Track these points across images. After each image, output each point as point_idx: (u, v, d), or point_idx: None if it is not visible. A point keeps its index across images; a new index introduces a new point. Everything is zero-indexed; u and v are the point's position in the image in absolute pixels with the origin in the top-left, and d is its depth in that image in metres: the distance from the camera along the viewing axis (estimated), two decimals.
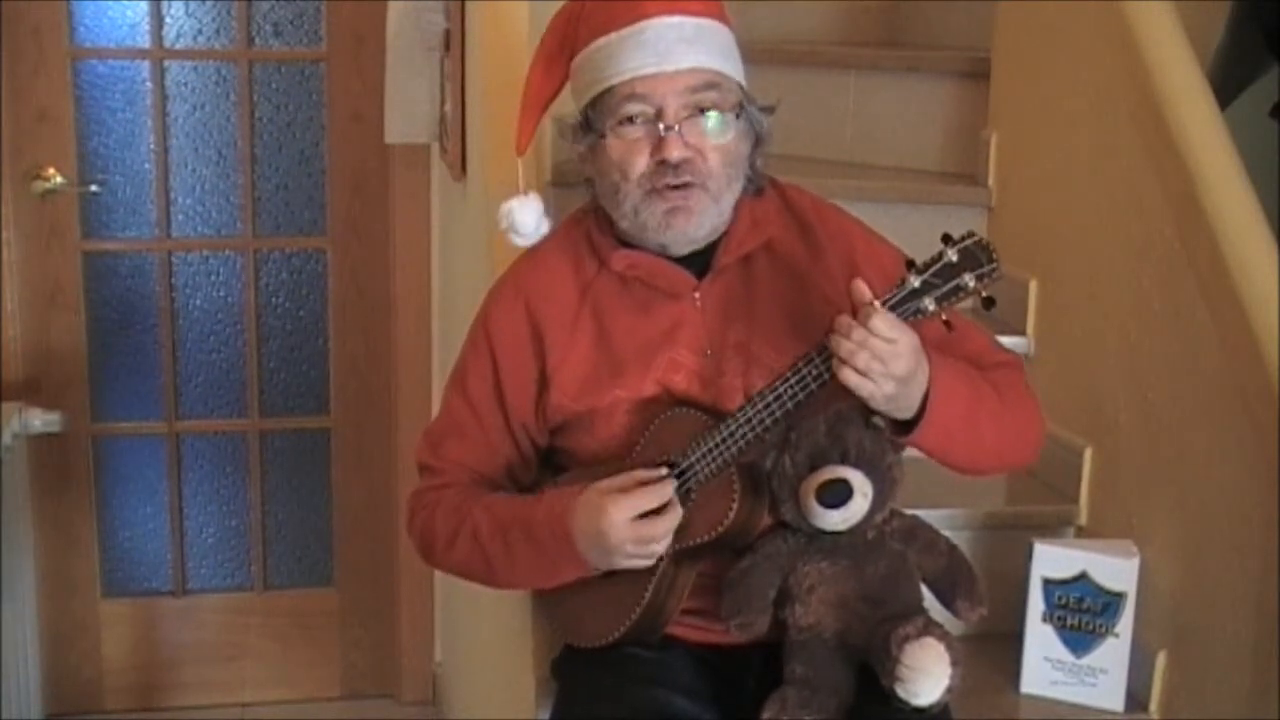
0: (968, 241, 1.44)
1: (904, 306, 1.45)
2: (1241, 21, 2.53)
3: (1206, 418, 1.86)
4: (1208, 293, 1.84)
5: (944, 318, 1.46)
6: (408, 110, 2.87)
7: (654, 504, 1.52)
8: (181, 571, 3.22)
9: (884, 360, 1.44)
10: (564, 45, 1.64)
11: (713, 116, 1.56)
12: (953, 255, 1.44)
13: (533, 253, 1.73)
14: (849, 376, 1.45)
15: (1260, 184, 1.87)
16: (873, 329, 1.42)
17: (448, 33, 2.64)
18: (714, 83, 1.56)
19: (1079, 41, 2.18)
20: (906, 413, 1.51)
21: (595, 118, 1.59)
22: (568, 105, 1.68)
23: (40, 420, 2.77)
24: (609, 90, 1.56)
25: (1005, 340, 2.09)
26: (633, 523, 1.52)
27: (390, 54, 2.85)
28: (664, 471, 1.56)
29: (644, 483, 1.54)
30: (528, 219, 1.71)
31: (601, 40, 1.57)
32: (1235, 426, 1.79)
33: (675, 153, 1.54)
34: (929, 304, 1.45)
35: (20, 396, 2.88)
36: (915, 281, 1.45)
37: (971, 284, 1.44)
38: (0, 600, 2.74)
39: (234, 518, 3.22)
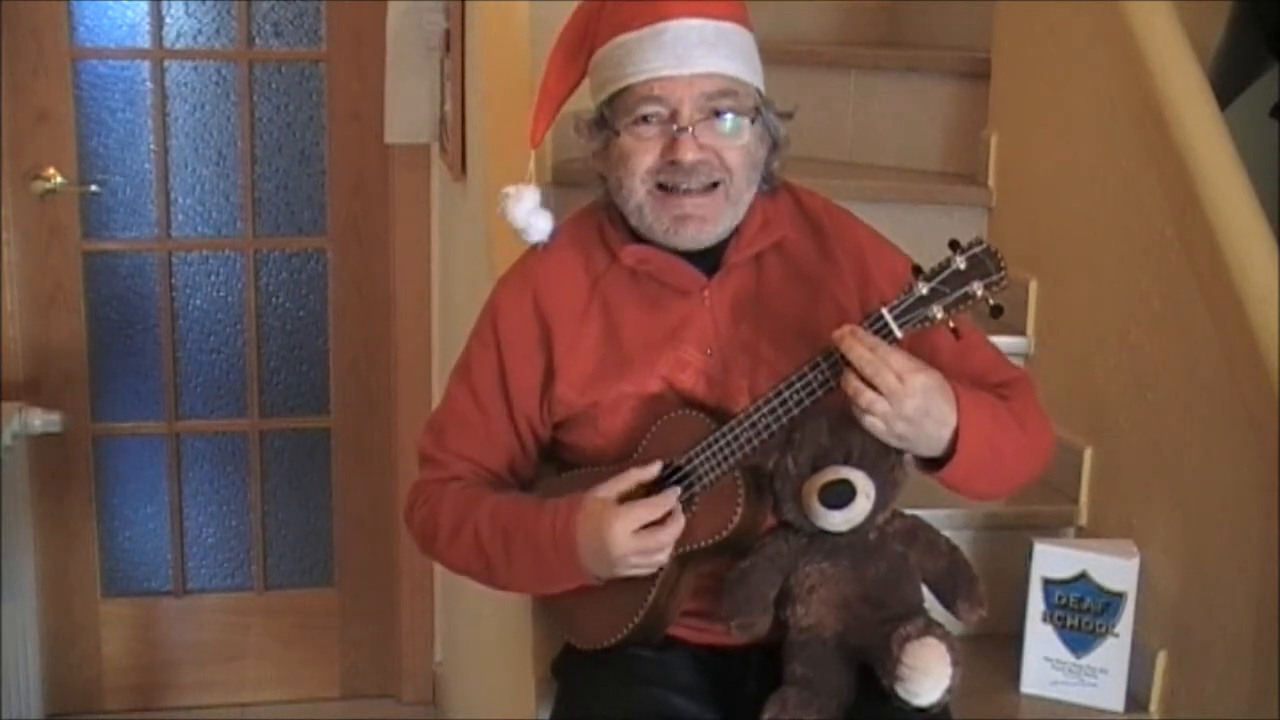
0: (976, 249, 1.44)
1: (911, 314, 1.45)
2: (1241, 21, 2.52)
3: (1206, 418, 1.86)
4: (1208, 293, 1.84)
5: (951, 325, 1.46)
6: (408, 110, 2.87)
7: (657, 515, 1.52)
8: (181, 571, 3.22)
9: (891, 398, 1.43)
10: (584, 40, 1.63)
11: (729, 119, 1.55)
12: (961, 263, 1.44)
13: (544, 245, 1.71)
14: (858, 416, 1.46)
15: (1260, 184, 1.87)
16: (886, 362, 1.43)
17: (448, 33, 2.64)
18: (731, 89, 1.55)
19: (1079, 41, 2.18)
20: (930, 451, 1.51)
21: (611, 115, 1.59)
22: (578, 102, 1.67)
23: (40, 420, 2.77)
24: (626, 89, 1.56)
25: (1005, 340, 2.09)
26: (636, 534, 1.51)
27: (390, 54, 2.85)
28: (658, 466, 1.55)
29: (642, 482, 1.54)
30: (519, 210, 1.69)
31: (621, 38, 1.56)
32: (1235, 426, 1.79)
33: (689, 155, 1.54)
34: (936, 311, 1.44)
35: (20, 396, 2.88)
36: (923, 289, 1.44)
37: (979, 292, 1.43)
38: (0, 600, 2.74)
39: (234, 518, 3.22)
